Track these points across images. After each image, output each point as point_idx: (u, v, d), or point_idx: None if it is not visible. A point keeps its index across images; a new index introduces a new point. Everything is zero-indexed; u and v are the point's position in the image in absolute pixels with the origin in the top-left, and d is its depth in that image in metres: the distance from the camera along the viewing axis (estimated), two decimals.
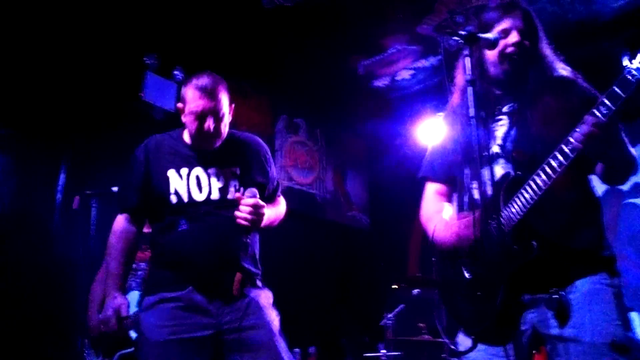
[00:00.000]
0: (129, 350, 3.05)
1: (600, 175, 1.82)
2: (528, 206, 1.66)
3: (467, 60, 1.66)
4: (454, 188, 2.06)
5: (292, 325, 5.54)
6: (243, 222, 2.12)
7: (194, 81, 2.33)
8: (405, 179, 3.68)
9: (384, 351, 4.54)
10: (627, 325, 1.61)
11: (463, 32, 1.66)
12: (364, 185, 6.90)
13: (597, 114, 1.54)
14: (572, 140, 1.58)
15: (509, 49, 1.84)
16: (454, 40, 1.68)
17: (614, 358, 1.52)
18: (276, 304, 2.57)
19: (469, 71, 1.66)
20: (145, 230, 3.43)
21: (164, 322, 2.09)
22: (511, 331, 1.60)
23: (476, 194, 1.76)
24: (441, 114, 2.16)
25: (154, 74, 4.57)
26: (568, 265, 1.68)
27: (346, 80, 5.84)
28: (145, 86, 4.50)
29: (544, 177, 1.63)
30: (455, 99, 2.03)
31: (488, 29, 1.86)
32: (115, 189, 3.26)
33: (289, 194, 5.80)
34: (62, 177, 3.94)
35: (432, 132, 5.46)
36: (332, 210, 6.29)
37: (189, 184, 2.27)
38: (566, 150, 1.59)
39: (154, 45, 4.64)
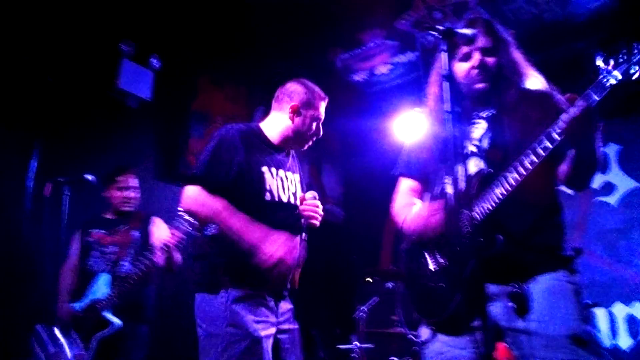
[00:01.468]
0: (106, 332, 3.07)
1: (564, 180, 1.86)
2: (498, 201, 1.72)
3: (444, 56, 1.68)
4: (427, 187, 2.10)
5: None
6: (315, 222, 2.38)
7: (316, 89, 2.61)
8: (380, 173, 3.71)
9: (356, 343, 4.58)
10: (586, 319, 1.66)
11: (440, 27, 1.68)
12: (339, 179, 6.93)
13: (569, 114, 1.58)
14: (548, 136, 1.62)
15: (474, 72, 1.89)
16: (432, 36, 1.69)
17: (573, 350, 1.57)
18: None
19: (445, 66, 1.69)
20: (107, 215, 3.45)
21: (259, 318, 2.18)
22: (471, 323, 1.63)
23: (449, 188, 1.80)
24: (418, 109, 2.19)
25: (130, 61, 4.50)
26: (531, 261, 1.74)
27: (324, 74, 5.83)
28: (121, 73, 4.43)
29: (515, 174, 1.68)
30: (432, 95, 2.05)
31: (452, 53, 1.89)
32: (88, 176, 3.23)
33: None
34: (33, 163, 3.86)
35: (409, 127, 5.51)
36: None
37: (278, 184, 2.36)
38: (539, 150, 1.64)
39: (131, 32, 4.57)
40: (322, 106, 2.59)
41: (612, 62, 1.54)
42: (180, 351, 4.37)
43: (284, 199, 2.37)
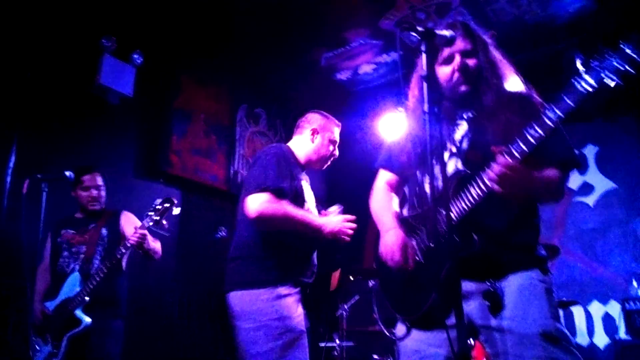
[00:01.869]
0: (76, 330, 3.08)
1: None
2: (474, 202, 1.74)
3: (424, 57, 1.69)
4: (404, 182, 2.14)
5: None
6: (345, 238, 2.71)
7: (331, 117, 3.08)
8: (363, 172, 3.72)
9: (338, 341, 4.59)
10: (557, 317, 1.70)
11: (420, 28, 1.69)
12: (322, 177, 6.93)
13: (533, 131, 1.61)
14: (523, 139, 1.64)
15: (455, 75, 1.92)
16: (413, 36, 1.70)
17: (545, 347, 1.60)
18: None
19: (424, 67, 1.70)
20: (77, 215, 3.43)
21: (299, 313, 2.49)
22: (446, 320, 1.65)
23: (427, 188, 1.82)
24: (401, 108, 2.20)
25: (111, 57, 4.45)
26: (505, 260, 1.77)
27: (308, 72, 5.84)
28: (102, 69, 4.37)
29: (485, 183, 1.70)
30: (412, 95, 2.07)
31: (434, 57, 1.93)
32: (67, 173, 3.20)
33: None
34: (11, 159, 3.80)
35: (392, 126, 5.53)
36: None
37: (308, 197, 2.80)
38: (514, 152, 1.65)
39: (112, 27, 4.51)
40: (337, 131, 3.06)
41: (587, 68, 1.55)
42: (155, 345, 4.37)
43: (313, 211, 2.81)
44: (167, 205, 3.24)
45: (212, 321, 4.93)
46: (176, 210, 3.27)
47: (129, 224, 3.44)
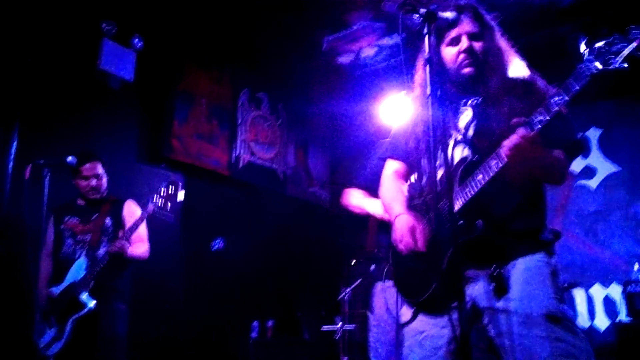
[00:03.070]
0: (81, 313, 3.11)
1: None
2: (479, 187, 1.75)
3: (427, 39, 1.68)
4: (413, 169, 2.13)
5: (251, 298, 5.61)
6: None
7: None
8: (366, 156, 3.71)
9: (340, 324, 4.63)
10: (562, 299, 1.73)
11: (422, 10, 1.67)
12: (326, 161, 6.93)
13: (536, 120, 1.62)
14: (529, 124, 1.64)
15: (462, 56, 1.91)
16: (415, 18, 1.69)
17: (548, 327, 1.63)
18: (236, 278, 2.66)
19: (427, 49, 1.69)
20: (79, 202, 3.43)
21: None
22: (451, 303, 1.68)
23: (434, 175, 1.82)
24: (405, 92, 2.19)
25: (111, 41, 4.42)
26: (511, 244, 1.78)
27: (310, 56, 5.80)
28: (102, 54, 4.35)
29: (497, 161, 1.71)
30: (417, 79, 2.06)
31: (442, 36, 1.92)
32: (69, 158, 3.20)
33: (250, 169, 5.78)
34: (13, 145, 3.81)
35: (395, 110, 5.50)
36: (293, 186, 6.31)
37: None
38: (533, 123, 1.65)
39: (112, 11, 4.48)
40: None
41: (594, 51, 1.54)
42: (160, 330, 4.41)
43: None
44: (172, 188, 3.24)
45: (215, 305, 4.97)
46: (181, 194, 3.26)
47: (130, 214, 3.44)
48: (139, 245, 3.41)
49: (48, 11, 4.08)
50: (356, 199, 3.19)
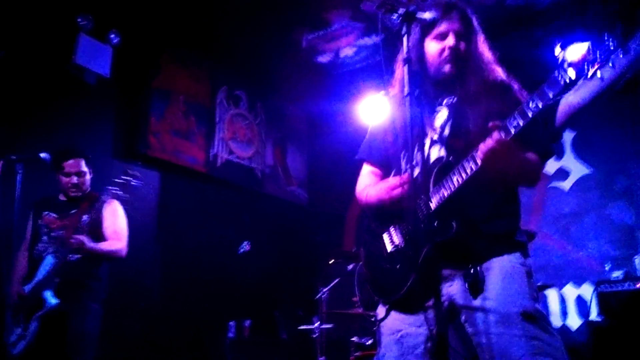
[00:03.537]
0: (41, 312, 3.06)
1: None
2: (454, 189, 1.77)
3: (405, 39, 1.69)
4: (389, 171, 2.14)
5: (228, 298, 5.57)
6: None
7: None
8: (344, 155, 3.72)
9: (317, 324, 4.63)
10: (536, 298, 1.77)
11: (401, 10, 1.68)
12: (304, 160, 6.92)
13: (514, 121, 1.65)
14: (504, 128, 1.66)
15: (446, 52, 1.93)
16: (395, 18, 1.70)
17: (524, 326, 1.67)
18: (213, 277, 2.61)
19: (405, 50, 1.69)
20: (61, 197, 3.37)
21: None
22: (427, 301, 1.70)
23: (413, 173, 1.82)
24: (384, 92, 2.20)
25: (87, 36, 4.34)
26: (486, 245, 1.81)
27: (289, 54, 5.78)
28: (78, 48, 4.27)
29: (472, 164, 1.73)
30: (396, 78, 2.07)
31: (428, 31, 1.94)
32: (42, 154, 3.13)
33: (227, 167, 5.73)
34: None
35: (373, 110, 5.52)
36: (271, 184, 6.28)
37: None
38: (509, 127, 1.67)
39: (88, 5, 4.40)
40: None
41: (568, 58, 1.56)
42: (134, 327, 4.36)
43: None
44: (126, 178, 3.24)
45: (191, 304, 4.93)
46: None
47: (112, 213, 3.39)
48: (114, 242, 3.35)
49: (23, 3, 3.99)
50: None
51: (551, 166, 5.33)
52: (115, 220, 3.40)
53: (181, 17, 5.00)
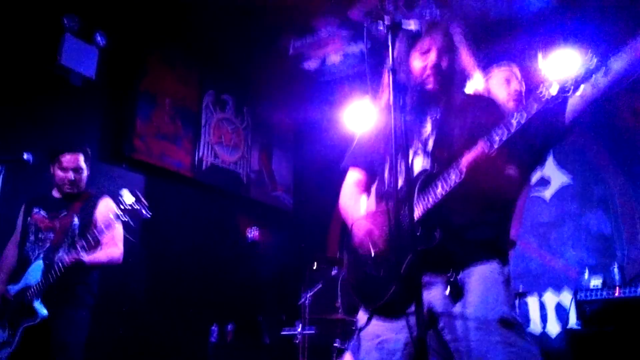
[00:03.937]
0: (32, 322, 2.94)
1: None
2: (438, 199, 1.81)
3: (390, 49, 1.73)
4: (374, 179, 2.17)
5: (211, 302, 5.54)
6: None
7: None
8: (330, 161, 3.74)
9: (300, 328, 4.64)
10: (513, 305, 1.83)
11: (387, 21, 1.72)
12: (289, 166, 6.94)
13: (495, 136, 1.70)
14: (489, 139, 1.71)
15: (428, 70, 1.98)
16: (381, 28, 1.73)
17: (502, 332, 1.70)
18: (197, 281, 2.60)
19: (390, 59, 1.73)
20: (54, 194, 3.29)
21: None
22: (408, 308, 1.74)
23: (394, 183, 1.86)
24: (370, 100, 2.24)
25: (73, 37, 4.32)
26: (467, 253, 1.85)
27: (276, 60, 5.81)
28: (63, 49, 4.25)
29: (455, 174, 1.78)
30: (382, 87, 2.10)
31: (414, 42, 1.99)
32: (25, 156, 3.09)
33: (213, 172, 5.73)
34: None
35: (359, 117, 5.57)
36: (256, 189, 6.29)
37: None
38: (495, 137, 1.72)
39: (74, 5, 4.38)
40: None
41: (551, 73, 1.62)
42: (120, 332, 4.32)
43: None
44: (136, 208, 3.05)
45: (175, 308, 4.91)
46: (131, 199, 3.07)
47: (104, 213, 3.15)
48: (111, 250, 3.20)
49: (7, 3, 3.96)
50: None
51: (533, 175, 5.41)
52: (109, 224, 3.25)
53: (168, 20, 5.00)
